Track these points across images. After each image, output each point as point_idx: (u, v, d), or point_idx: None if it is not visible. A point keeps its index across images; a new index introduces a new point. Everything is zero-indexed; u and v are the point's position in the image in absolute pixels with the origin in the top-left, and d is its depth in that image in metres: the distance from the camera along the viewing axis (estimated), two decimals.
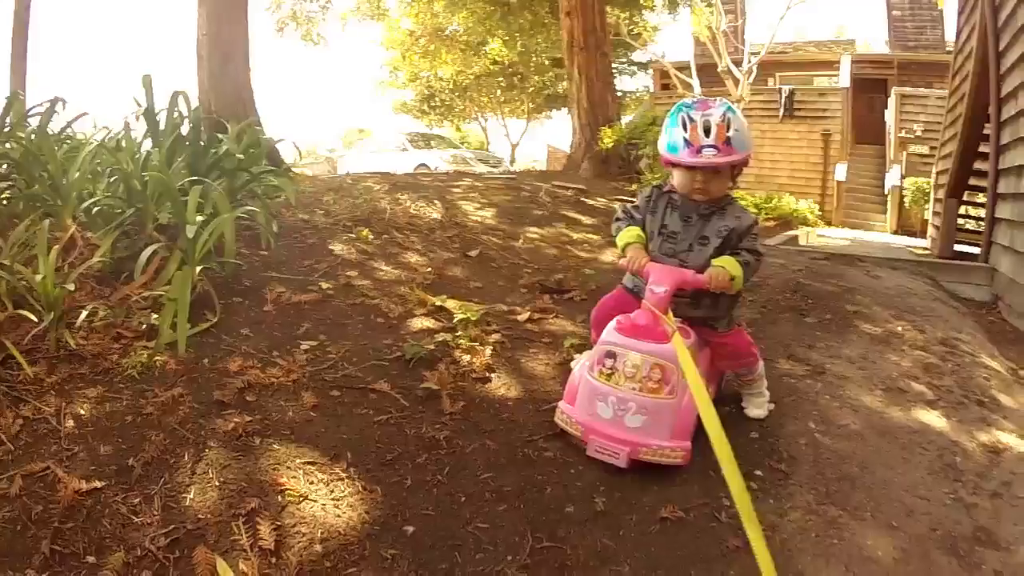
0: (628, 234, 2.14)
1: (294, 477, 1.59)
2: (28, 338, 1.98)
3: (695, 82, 14.15)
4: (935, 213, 8.88)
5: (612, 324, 1.97)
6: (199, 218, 2.46)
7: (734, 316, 2.19)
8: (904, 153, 13.20)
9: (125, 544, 1.34)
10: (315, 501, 1.52)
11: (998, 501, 1.85)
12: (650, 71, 19.18)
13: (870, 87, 16.38)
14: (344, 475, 1.62)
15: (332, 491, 1.55)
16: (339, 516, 1.49)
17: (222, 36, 5.79)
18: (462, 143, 20.91)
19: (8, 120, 3.16)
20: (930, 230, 9.56)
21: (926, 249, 8.59)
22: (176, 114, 3.27)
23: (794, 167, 14.56)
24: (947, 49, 11.76)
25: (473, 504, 1.60)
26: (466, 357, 2.33)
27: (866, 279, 4.32)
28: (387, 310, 2.65)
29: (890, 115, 14.33)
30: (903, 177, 12.74)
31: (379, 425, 1.86)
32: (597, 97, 9.03)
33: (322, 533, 1.43)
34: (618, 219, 2.22)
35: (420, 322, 2.60)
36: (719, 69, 13.02)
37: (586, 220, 5.41)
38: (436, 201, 4.90)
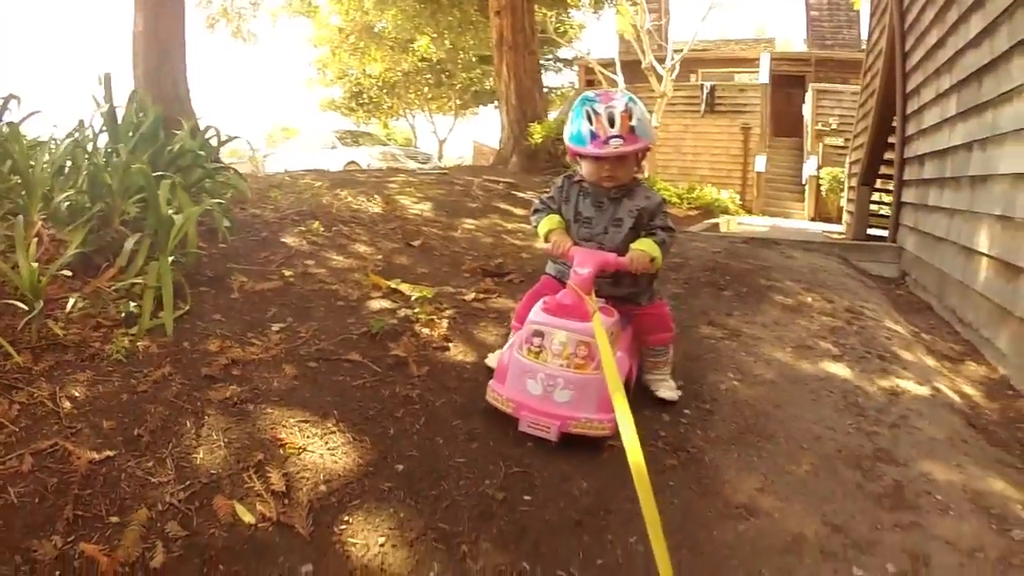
0: (549, 221, 2.24)
1: (291, 433, 1.80)
2: (6, 330, 2.09)
3: (620, 79, 14.63)
4: (849, 200, 9.61)
5: (539, 305, 2.07)
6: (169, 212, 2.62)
7: (655, 290, 2.33)
8: (820, 145, 14.10)
9: (146, 501, 1.50)
10: (313, 451, 1.74)
11: (896, 430, 2.21)
12: (576, 68, 19.68)
13: (789, 83, 17.33)
14: (334, 429, 1.84)
15: (327, 442, 1.77)
16: (336, 462, 1.71)
17: (159, 34, 5.81)
18: (389, 140, 20.97)
19: None
20: (845, 216, 10.32)
21: (841, 234, 9.33)
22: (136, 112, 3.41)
23: (715, 159, 15.35)
24: (862, 48, 12.65)
25: (450, 445, 1.86)
26: (425, 330, 2.59)
27: (781, 259, 4.77)
28: (345, 294, 2.86)
29: (807, 109, 15.23)
30: (819, 167, 13.64)
31: (357, 388, 2.09)
32: (525, 94, 9.38)
33: (324, 476, 1.65)
34: (537, 210, 2.32)
35: (377, 303, 2.82)
36: (643, 66, 13.53)
37: (518, 211, 5.71)
38: (376, 196, 5.11)
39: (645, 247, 2.08)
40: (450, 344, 2.53)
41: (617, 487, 1.73)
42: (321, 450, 1.74)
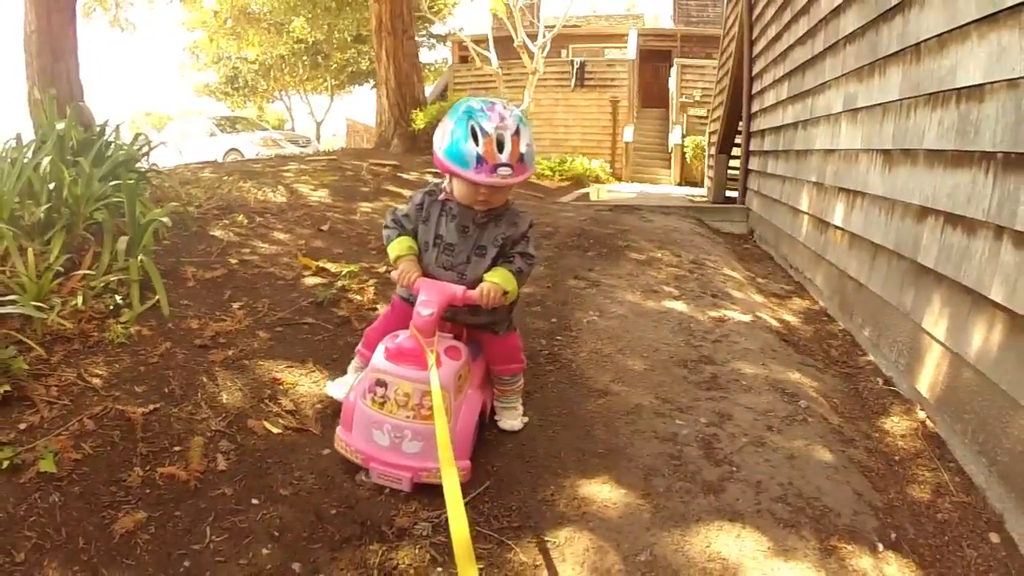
0: (399, 245, 2.13)
1: (284, 375, 2.49)
2: (19, 330, 2.55)
3: (492, 55, 15.28)
4: (709, 167, 10.82)
5: (381, 348, 2.02)
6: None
7: (512, 319, 2.33)
8: (685, 116, 15.44)
9: (197, 432, 2.12)
10: (303, 385, 2.45)
11: (718, 344, 3.10)
12: (449, 44, 20.20)
13: (656, 57, 18.77)
14: (313, 369, 2.56)
15: (310, 378, 2.48)
16: (320, 388, 2.43)
17: (52, 32, 6.03)
18: (262, 121, 20.80)
19: None
20: (706, 181, 11.59)
21: (704, 197, 10.54)
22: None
23: (586, 131, 16.53)
24: None
25: None
26: (358, 297, 3.30)
27: (639, 223, 5.72)
28: (282, 275, 3.48)
29: (673, 83, 16.59)
30: (684, 136, 14.96)
31: (319, 341, 2.80)
32: (404, 78, 9.96)
33: (318, 399, 2.36)
34: (387, 227, 2.21)
35: (311, 280, 3.47)
36: (515, 44, 14.24)
37: (406, 192, 6.34)
38: (279, 187, 5.63)
39: (499, 279, 2.02)
40: (378, 306, 3.25)
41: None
42: (308, 383, 2.47)
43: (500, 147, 1.88)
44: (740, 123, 7.99)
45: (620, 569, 1.67)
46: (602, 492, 1.98)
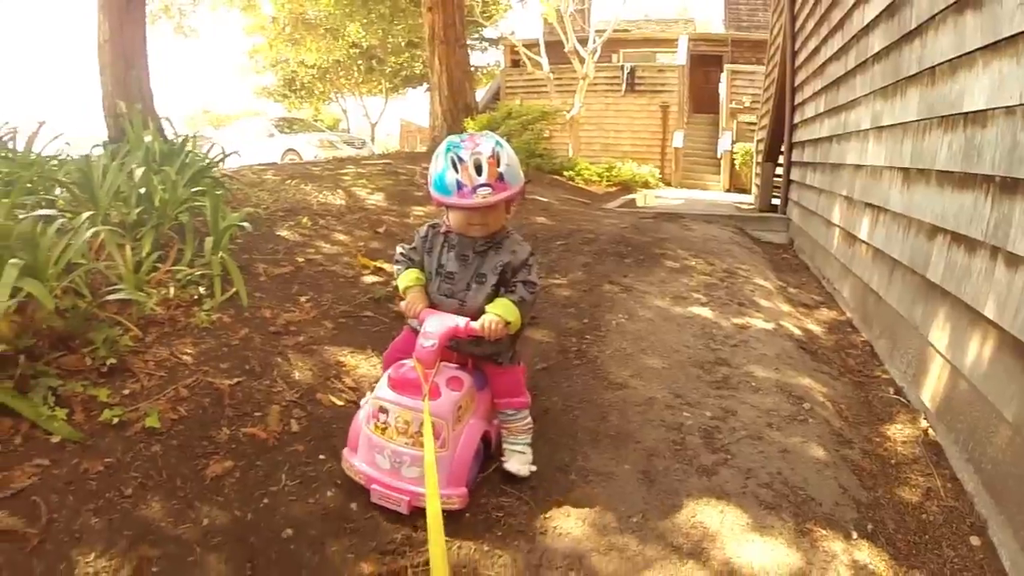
0: (407, 277, 2.26)
1: (347, 359, 2.93)
2: (117, 314, 3.03)
3: (544, 60, 15.62)
4: (756, 174, 10.96)
5: (385, 377, 2.15)
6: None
7: (516, 351, 2.39)
8: (734, 122, 15.47)
9: (274, 402, 2.56)
10: (362, 367, 2.89)
11: (736, 348, 3.39)
12: (501, 47, 20.64)
13: (707, 62, 18.85)
14: (371, 355, 2.98)
15: (369, 362, 2.91)
16: (377, 371, 2.83)
17: (124, 43, 6.49)
18: (316, 121, 21.61)
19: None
20: (753, 188, 11.72)
21: (751, 204, 10.69)
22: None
23: (636, 136, 16.76)
24: None
25: None
26: None
27: (679, 231, 6.00)
28: (343, 273, 3.91)
29: (723, 88, 16.67)
30: (734, 143, 15.01)
31: (377, 332, 3.22)
32: (456, 85, 10.39)
33: (374, 379, 2.73)
34: (397, 261, 2.34)
35: (369, 278, 3.90)
36: (566, 49, 14.57)
37: None
38: (338, 190, 6.07)
39: (501, 311, 2.09)
40: None
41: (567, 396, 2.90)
42: (367, 366, 2.90)
43: (478, 170, 2.00)
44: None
45: (615, 526, 2.03)
46: (608, 466, 2.34)
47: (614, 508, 2.12)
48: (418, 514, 1.99)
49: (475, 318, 2.11)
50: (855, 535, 2.02)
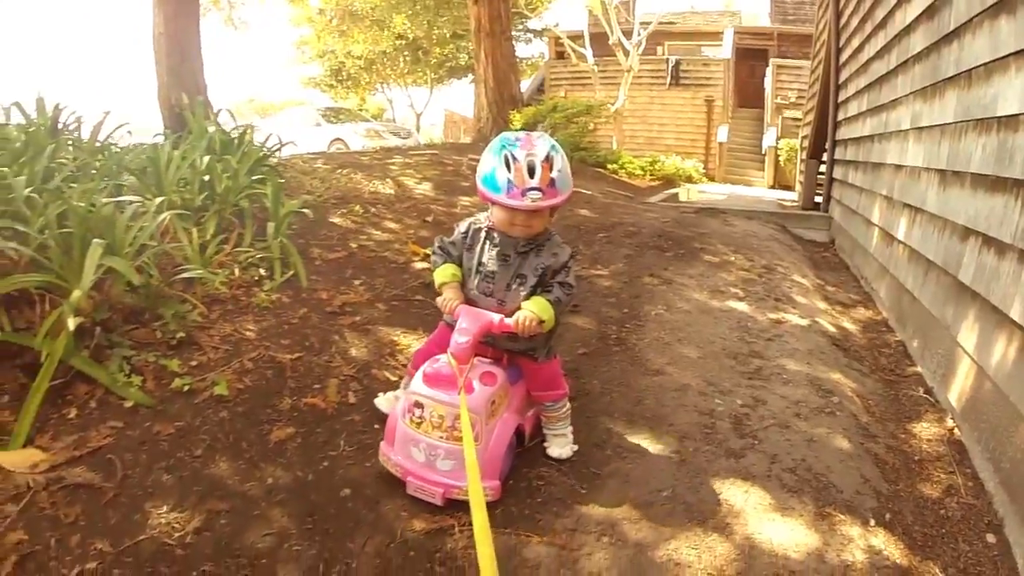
0: (444, 272, 2.28)
1: (400, 338, 3.16)
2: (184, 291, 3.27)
3: (588, 52, 15.66)
4: (800, 171, 10.90)
5: (421, 371, 2.18)
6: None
7: (551, 346, 2.41)
8: (780, 117, 15.31)
9: (333, 375, 2.78)
10: (414, 346, 3.05)
11: (770, 342, 3.50)
12: (545, 38, 20.71)
13: (752, 56, 18.66)
14: (423, 336, 3.15)
15: (420, 342, 3.04)
16: None
17: (179, 35, 6.72)
18: (361, 110, 21.99)
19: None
20: (797, 185, 11.66)
21: (794, 201, 10.66)
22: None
23: (680, 130, 16.74)
24: None
25: None
26: None
27: (720, 227, 6.08)
28: (394, 259, 4.12)
29: (768, 83, 16.52)
30: (779, 138, 14.86)
31: (428, 314, 3.40)
32: (502, 77, 10.58)
33: None
34: (434, 253, 2.36)
35: (419, 264, 4.10)
36: (610, 41, 14.61)
37: None
38: (387, 179, 6.29)
39: (536, 308, 2.12)
40: None
41: (608, 379, 3.07)
42: (418, 345, 3.02)
43: (531, 172, 2.01)
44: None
45: (646, 499, 2.20)
46: (642, 445, 2.51)
47: (646, 483, 2.28)
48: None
49: (510, 315, 2.16)
50: (873, 522, 2.10)
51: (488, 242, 2.24)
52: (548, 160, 2.04)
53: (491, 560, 1.33)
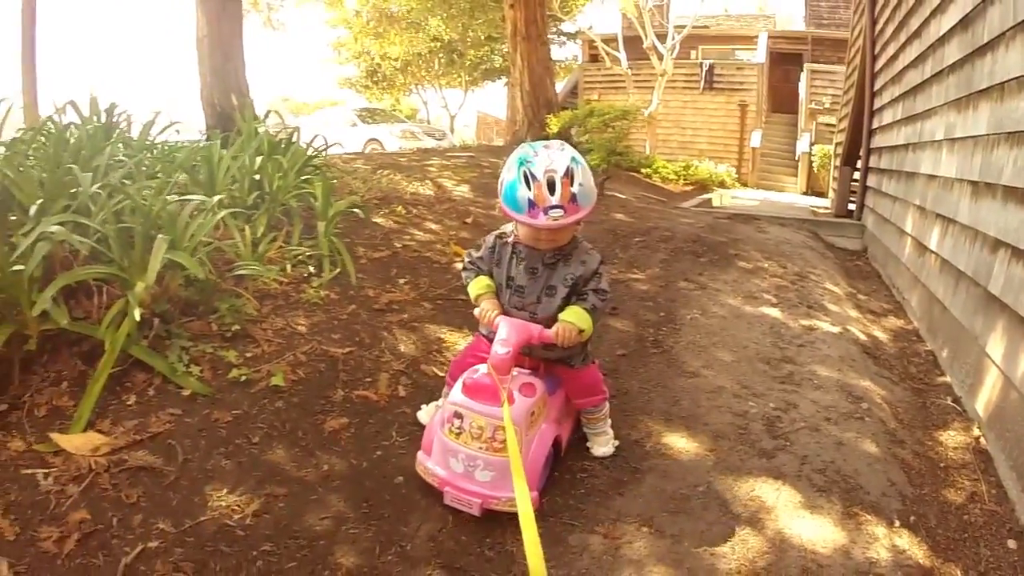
0: (478, 284, 2.32)
1: (447, 335, 3.31)
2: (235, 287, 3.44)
3: (622, 55, 15.71)
4: (834, 178, 10.86)
5: (459, 383, 2.20)
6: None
7: (588, 352, 2.45)
8: (813, 123, 15.20)
9: (383, 369, 2.94)
10: (460, 344, 3.22)
11: (802, 348, 3.59)
12: (578, 41, 20.80)
13: (786, 60, 18.56)
14: (468, 335, 3.31)
15: (465, 340, 3.20)
16: None
17: (221, 37, 6.84)
18: (394, 111, 22.30)
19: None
20: (830, 192, 11.62)
21: (827, 208, 10.64)
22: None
23: (713, 134, 16.73)
24: None
25: None
26: None
27: (754, 233, 6.17)
28: (436, 260, 4.28)
29: (802, 88, 16.44)
30: (812, 144, 14.77)
31: (472, 315, 3.39)
32: (537, 81, 10.67)
33: None
34: (465, 269, 2.42)
35: (461, 265, 4.21)
36: (644, 45, 14.66)
37: None
38: (426, 181, 6.46)
39: (574, 319, 2.15)
40: None
41: (645, 379, 3.20)
42: (464, 344, 3.19)
43: (551, 189, 1.98)
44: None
45: (682, 493, 2.33)
46: (679, 443, 2.64)
47: (682, 478, 2.41)
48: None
49: (548, 326, 2.19)
50: (897, 523, 2.18)
51: (515, 256, 2.26)
52: (568, 174, 2.00)
53: (536, 545, 1.41)
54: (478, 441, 2.10)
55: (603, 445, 2.49)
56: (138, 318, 2.48)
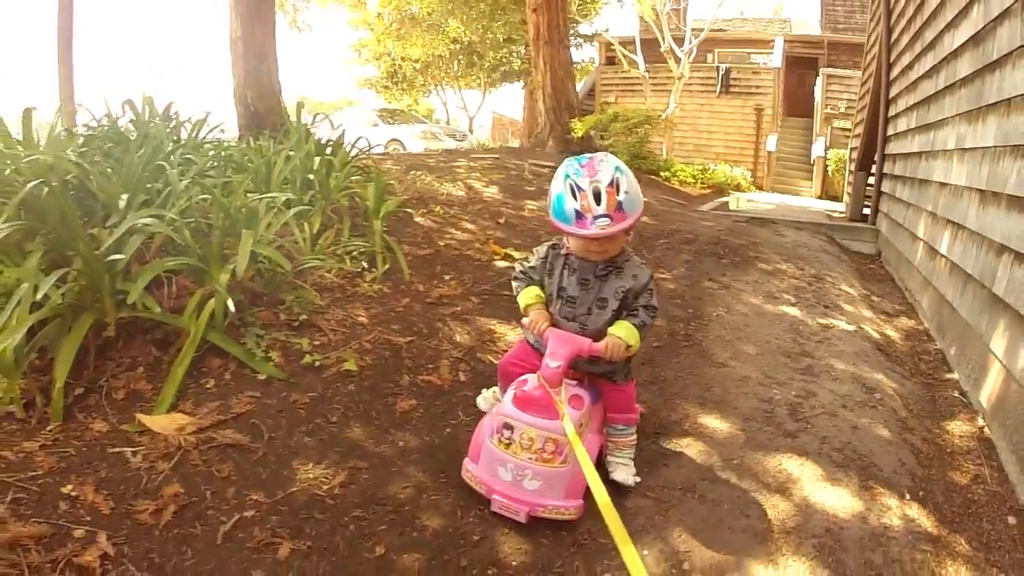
0: (528, 294, 2.36)
1: (497, 328, 3.60)
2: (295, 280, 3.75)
3: (639, 58, 15.94)
4: (848, 183, 11.03)
5: (510, 394, 2.23)
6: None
7: (630, 369, 2.49)
8: (829, 128, 15.34)
9: (443, 357, 3.25)
10: (510, 336, 3.54)
11: (819, 344, 3.90)
12: (596, 43, 21.05)
13: (802, 64, 18.74)
14: (515, 327, 3.61)
15: (514, 332, 3.54)
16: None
17: (255, 38, 7.14)
18: (411, 111, 22.67)
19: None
20: (845, 196, 11.82)
21: (842, 212, 10.84)
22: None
23: (729, 138, 16.95)
24: None
25: None
26: None
27: (772, 236, 6.46)
28: (476, 257, 4.59)
29: (818, 92, 16.61)
30: (827, 149, 14.90)
31: (517, 309, 3.76)
32: (559, 84, 10.99)
33: None
34: (516, 278, 2.45)
35: (501, 263, 4.56)
36: (661, 48, 14.89)
37: None
38: (457, 182, 6.77)
39: (623, 334, 2.19)
40: None
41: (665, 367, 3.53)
42: (513, 335, 3.55)
43: (597, 199, 2.03)
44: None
45: (719, 465, 2.66)
46: (712, 423, 2.97)
47: (718, 452, 2.74)
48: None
49: (596, 339, 2.23)
50: (908, 496, 2.46)
51: (567, 267, 2.30)
52: (613, 184, 2.05)
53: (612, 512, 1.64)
54: (528, 452, 2.15)
55: (626, 473, 2.47)
56: (232, 308, 2.77)
